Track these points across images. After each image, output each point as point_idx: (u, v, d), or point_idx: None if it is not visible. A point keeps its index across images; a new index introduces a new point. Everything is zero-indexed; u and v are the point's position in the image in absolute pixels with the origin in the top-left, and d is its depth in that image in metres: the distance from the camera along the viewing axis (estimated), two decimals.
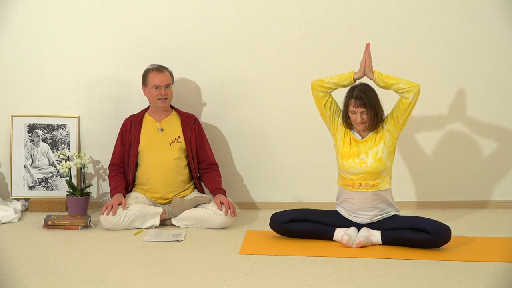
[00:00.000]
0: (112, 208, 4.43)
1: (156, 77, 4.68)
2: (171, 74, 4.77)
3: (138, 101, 5.00)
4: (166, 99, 4.70)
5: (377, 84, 4.17)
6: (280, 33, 5.06)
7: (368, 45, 4.20)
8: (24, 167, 5.08)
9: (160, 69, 4.71)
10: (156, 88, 4.68)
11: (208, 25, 5.06)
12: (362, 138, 4.18)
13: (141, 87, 4.78)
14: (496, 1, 5.01)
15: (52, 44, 5.07)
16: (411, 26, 5.04)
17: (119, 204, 4.47)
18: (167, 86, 4.71)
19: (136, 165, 4.74)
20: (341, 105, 4.23)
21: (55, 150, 5.09)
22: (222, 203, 4.54)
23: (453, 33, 5.05)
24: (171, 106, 4.84)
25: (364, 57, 4.18)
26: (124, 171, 4.76)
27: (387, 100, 4.25)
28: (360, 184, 4.15)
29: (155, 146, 4.72)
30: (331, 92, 4.23)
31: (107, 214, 4.41)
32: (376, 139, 4.16)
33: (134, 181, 4.77)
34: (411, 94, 4.09)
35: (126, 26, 5.06)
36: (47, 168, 5.10)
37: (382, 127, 4.18)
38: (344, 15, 4.99)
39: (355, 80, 4.19)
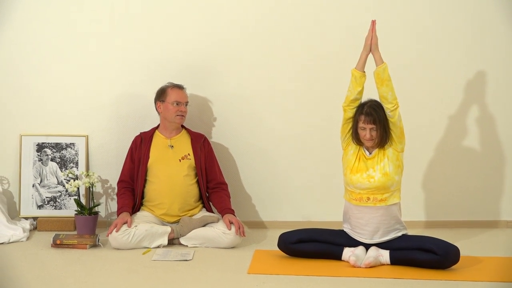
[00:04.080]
0: (116, 226, 4.44)
1: (177, 93, 4.75)
2: None
3: (147, 120, 5.01)
4: (184, 116, 4.74)
5: (377, 72, 4.09)
6: (287, 51, 5.06)
7: (374, 22, 4.16)
8: (33, 186, 5.09)
9: (180, 86, 4.80)
10: (177, 104, 4.72)
11: (215, 44, 5.07)
12: (370, 154, 4.17)
13: (155, 103, 4.80)
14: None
15: (60, 63, 5.09)
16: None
17: (125, 223, 4.48)
18: (186, 103, 4.76)
19: (145, 181, 4.75)
20: None
21: (63, 169, 5.10)
22: (231, 223, 4.53)
23: (461, 47, 5.04)
24: (182, 126, 4.86)
25: (370, 34, 4.15)
26: (132, 189, 4.77)
27: None
28: (368, 198, 4.13)
29: (165, 162, 4.73)
30: (359, 98, 4.16)
31: (111, 232, 4.42)
32: (381, 154, 4.16)
33: (142, 198, 4.78)
34: (392, 113, 4.08)
35: (134, 45, 5.08)
36: (56, 187, 5.10)
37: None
38: (352, 33, 4.94)
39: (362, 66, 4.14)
